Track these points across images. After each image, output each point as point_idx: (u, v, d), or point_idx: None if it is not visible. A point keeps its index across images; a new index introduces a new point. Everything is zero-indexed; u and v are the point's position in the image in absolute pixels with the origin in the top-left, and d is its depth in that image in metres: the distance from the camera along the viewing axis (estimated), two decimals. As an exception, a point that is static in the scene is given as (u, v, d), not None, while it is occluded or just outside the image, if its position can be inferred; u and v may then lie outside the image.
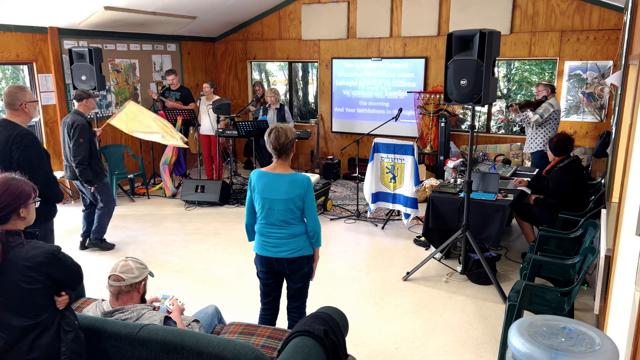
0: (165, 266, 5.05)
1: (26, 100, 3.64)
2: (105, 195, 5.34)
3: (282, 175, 3.03)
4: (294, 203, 3.02)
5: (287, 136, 3.00)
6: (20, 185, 2.21)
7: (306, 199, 3.04)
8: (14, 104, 3.61)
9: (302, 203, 3.04)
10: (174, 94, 8.10)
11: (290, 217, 3.05)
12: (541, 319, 2.26)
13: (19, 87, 3.68)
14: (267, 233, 3.10)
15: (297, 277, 3.18)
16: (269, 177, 3.04)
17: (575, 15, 6.91)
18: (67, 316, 2.23)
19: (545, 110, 5.98)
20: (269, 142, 3.01)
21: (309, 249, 3.15)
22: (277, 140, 2.98)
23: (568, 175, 4.75)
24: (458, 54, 4.04)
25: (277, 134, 2.99)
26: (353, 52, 8.51)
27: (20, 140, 3.53)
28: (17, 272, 2.08)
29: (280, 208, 3.02)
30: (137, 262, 2.64)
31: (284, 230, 3.07)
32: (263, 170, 3.09)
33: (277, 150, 3.01)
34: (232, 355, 2.12)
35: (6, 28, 6.37)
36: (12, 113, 3.63)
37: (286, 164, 3.07)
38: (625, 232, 2.64)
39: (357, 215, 6.51)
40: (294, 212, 3.05)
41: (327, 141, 9.10)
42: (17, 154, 3.53)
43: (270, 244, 3.11)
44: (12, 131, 3.55)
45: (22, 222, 2.22)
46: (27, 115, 3.69)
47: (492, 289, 4.42)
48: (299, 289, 3.23)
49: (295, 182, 3.01)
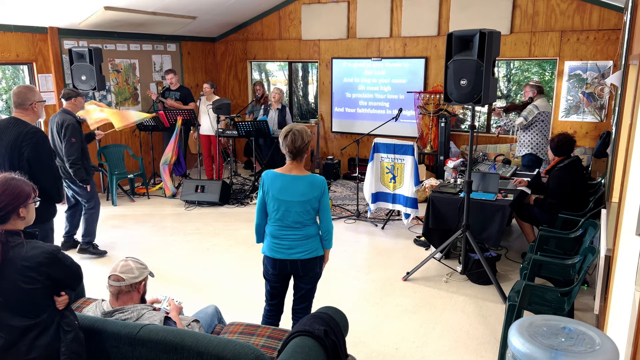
0: (165, 266, 5.05)
1: (35, 100, 3.71)
2: (93, 196, 5.28)
3: (300, 177, 3.01)
4: (310, 205, 3.02)
5: (304, 139, 2.98)
6: (20, 185, 2.21)
7: (322, 200, 3.04)
8: (24, 103, 3.67)
9: (318, 204, 3.05)
10: (174, 94, 8.10)
11: (306, 218, 3.04)
12: (541, 319, 2.26)
13: (28, 87, 3.74)
14: (281, 235, 3.08)
15: (308, 278, 3.18)
16: (285, 179, 3.02)
17: (575, 15, 6.91)
18: (66, 316, 2.23)
19: (529, 112, 5.89)
20: (285, 145, 2.98)
21: (321, 250, 3.16)
22: (294, 143, 2.96)
23: (568, 175, 4.75)
24: (458, 54, 4.04)
25: (294, 137, 2.96)
26: (353, 52, 8.51)
27: (31, 138, 3.59)
28: (16, 272, 2.08)
29: (297, 210, 3.01)
30: (137, 262, 2.64)
31: (298, 232, 3.06)
32: (278, 172, 3.05)
33: (292, 152, 2.99)
34: (232, 355, 2.12)
35: (6, 28, 6.37)
36: (22, 112, 3.69)
37: (301, 166, 3.06)
38: (625, 232, 2.64)
39: (357, 215, 6.51)
40: (310, 213, 3.05)
41: (327, 141, 9.10)
42: (28, 151, 3.58)
43: (283, 246, 3.08)
44: (22, 129, 3.60)
45: (22, 222, 2.22)
46: (36, 114, 3.76)
47: (492, 289, 4.42)
48: (309, 290, 3.22)
49: (314, 184, 3.01)
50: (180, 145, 7.76)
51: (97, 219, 5.40)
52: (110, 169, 7.16)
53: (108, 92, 7.83)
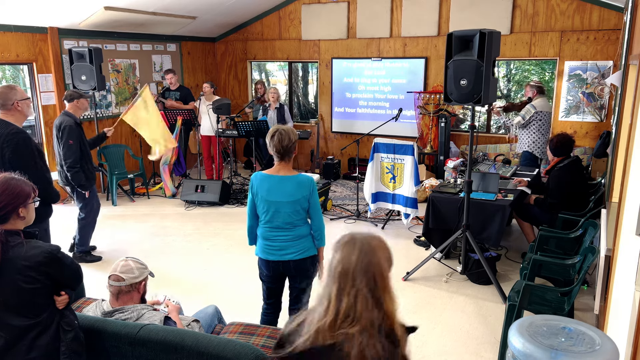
0: (165, 266, 5.05)
1: (17, 98, 3.64)
2: (90, 204, 5.09)
3: (287, 177, 3.01)
4: (300, 205, 3.01)
5: (290, 138, 2.97)
6: (20, 185, 2.21)
7: (311, 199, 3.03)
8: (6, 104, 3.62)
9: (308, 204, 3.04)
10: (174, 94, 8.10)
11: (296, 218, 3.04)
12: (541, 319, 2.26)
13: (9, 87, 3.68)
14: (272, 237, 3.08)
15: (301, 278, 3.17)
16: (273, 180, 3.02)
17: (575, 15, 6.91)
18: (66, 316, 2.23)
19: (527, 112, 6.07)
20: (272, 145, 2.98)
21: (314, 250, 3.15)
22: (281, 143, 2.94)
23: (568, 175, 4.76)
24: (458, 54, 4.04)
25: (280, 136, 2.95)
26: (353, 52, 8.51)
27: (11, 139, 3.54)
28: (16, 272, 2.08)
29: (286, 210, 3.00)
30: (137, 262, 2.64)
31: (289, 233, 3.05)
32: (265, 173, 3.05)
33: (280, 152, 2.98)
34: (232, 355, 2.12)
35: (6, 28, 6.37)
36: (6, 113, 3.65)
37: (289, 166, 3.05)
38: (625, 232, 2.64)
39: (357, 215, 6.51)
40: (300, 213, 3.04)
41: (327, 141, 9.10)
42: (8, 152, 3.54)
43: (275, 247, 3.09)
44: (3, 130, 3.57)
45: (22, 221, 2.22)
46: (21, 113, 3.70)
47: (492, 289, 4.42)
48: (303, 290, 3.22)
49: (301, 183, 3.00)
50: (180, 145, 7.76)
51: (91, 230, 5.21)
52: (110, 169, 7.16)
53: (108, 92, 7.83)
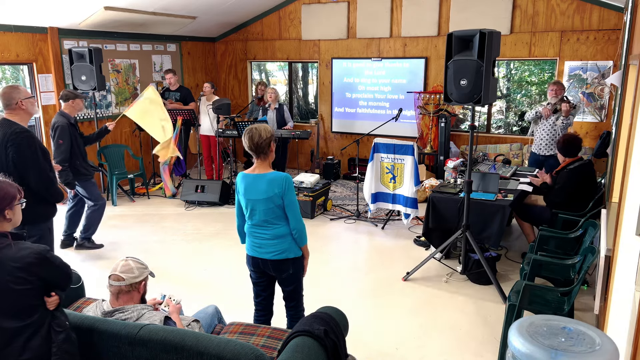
0: (165, 266, 5.05)
1: (21, 97, 3.66)
2: (93, 193, 5.27)
3: (261, 175, 3.04)
4: (273, 202, 3.02)
5: (261, 135, 2.98)
6: (5, 186, 2.22)
7: (285, 197, 3.02)
8: (10, 104, 3.65)
9: (282, 201, 3.04)
10: (174, 95, 8.09)
11: (272, 216, 3.05)
12: (541, 319, 2.26)
13: (12, 87, 3.70)
14: (254, 233, 3.14)
15: (284, 279, 3.19)
16: (249, 178, 3.07)
17: (575, 15, 6.91)
18: (57, 317, 2.23)
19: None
20: (245, 143, 3.03)
21: (295, 251, 3.13)
22: (252, 140, 2.98)
23: (579, 177, 4.72)
24: (458, 54, 4.04)
25: (251, 134, 2.98)
26: (353, 52, 8.51)
27: (14, 138, 3.56)
28: (6, 274, 2.08)
29: (261, 208, 3.04)
30: (137, 262, 2.64)
31: (267, 231, 3.09)
32: (244, 173, 3.11)
33: (252, 150, 3.01)
34: (232, 355, 2.12)
35: (6, 28, 6.37)
36: (10, 112, 3.67)
37: (266, 164, 3.07)
38: (625, 232, 2.64)
39: (357, 215, 6.51)
40: (275, 211, 3.05)
41: (327, 141, 9.10)
42: (12, 151, 3.56)
43: (256, 244, 3.15)
44: (7, 129, 3.58)
45: (8, 223, 2.22)
46: (26, 112, 3.71)
47: (492, 289, 4.42)
48: (292, 291, 3.25)
49: (273, 180, 3.01)
50: (181, 146, 7.76)
51: (100, 217, 5.42)
52: (110, 169, 7.16)
53: (108, 92, 7.83)
